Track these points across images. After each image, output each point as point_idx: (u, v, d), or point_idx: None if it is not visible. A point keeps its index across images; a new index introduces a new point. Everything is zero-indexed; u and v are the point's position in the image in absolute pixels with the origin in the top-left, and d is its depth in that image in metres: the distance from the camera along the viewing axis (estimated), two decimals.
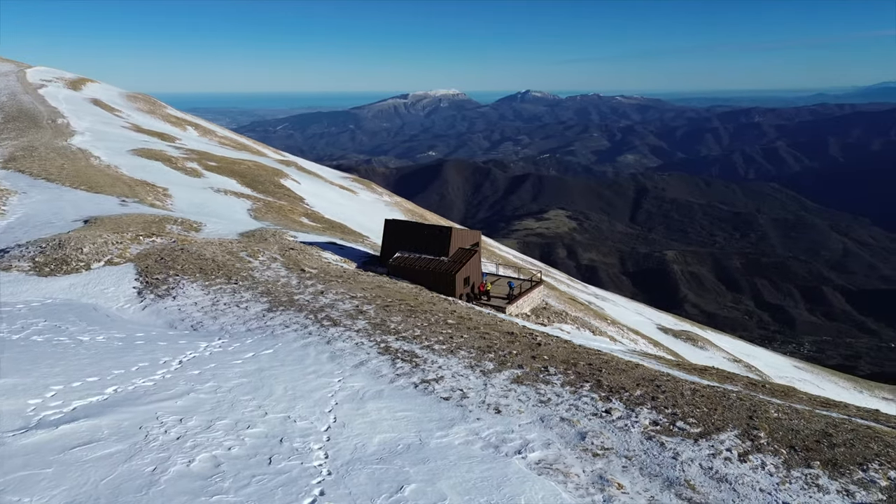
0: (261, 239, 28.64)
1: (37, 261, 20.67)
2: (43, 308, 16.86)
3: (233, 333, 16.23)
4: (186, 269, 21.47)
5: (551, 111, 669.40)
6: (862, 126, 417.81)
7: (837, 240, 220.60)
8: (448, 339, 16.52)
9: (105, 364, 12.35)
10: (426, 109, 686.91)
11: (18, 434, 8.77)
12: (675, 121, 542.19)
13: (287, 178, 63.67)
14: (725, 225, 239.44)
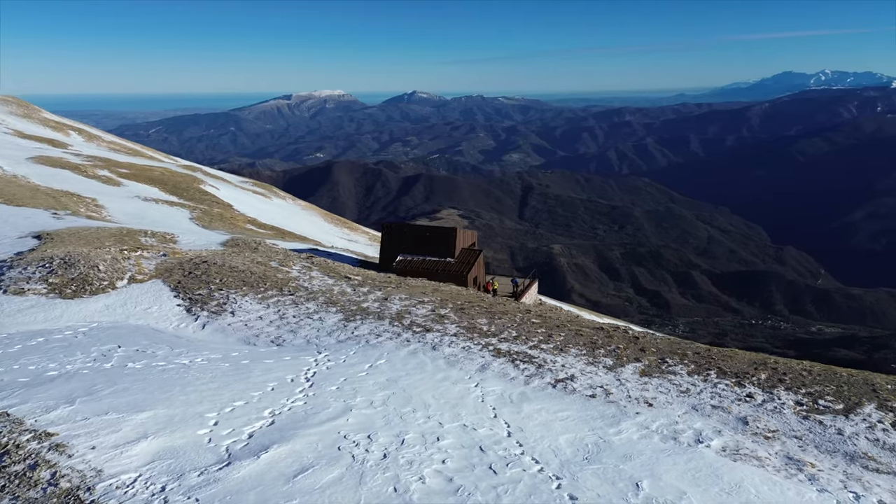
0: (251, 248, 26.96)
1: (51, 282, 17.97)
2: (100, 333, 14.75)
3: (325, 346, 15.22)
4: (228, 283, 19.77)
5: (438, 112, 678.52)
6: (718, 123, 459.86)
7: (702, 228, 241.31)
8: (547, 337, 16.52)
9: (236, 387, 11.17)
10: (311, 111, 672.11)
11: (224, 468, 7.96)
12: (554, 121, 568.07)
13: (205, 185, 60.47)
14: (605, 218, 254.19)
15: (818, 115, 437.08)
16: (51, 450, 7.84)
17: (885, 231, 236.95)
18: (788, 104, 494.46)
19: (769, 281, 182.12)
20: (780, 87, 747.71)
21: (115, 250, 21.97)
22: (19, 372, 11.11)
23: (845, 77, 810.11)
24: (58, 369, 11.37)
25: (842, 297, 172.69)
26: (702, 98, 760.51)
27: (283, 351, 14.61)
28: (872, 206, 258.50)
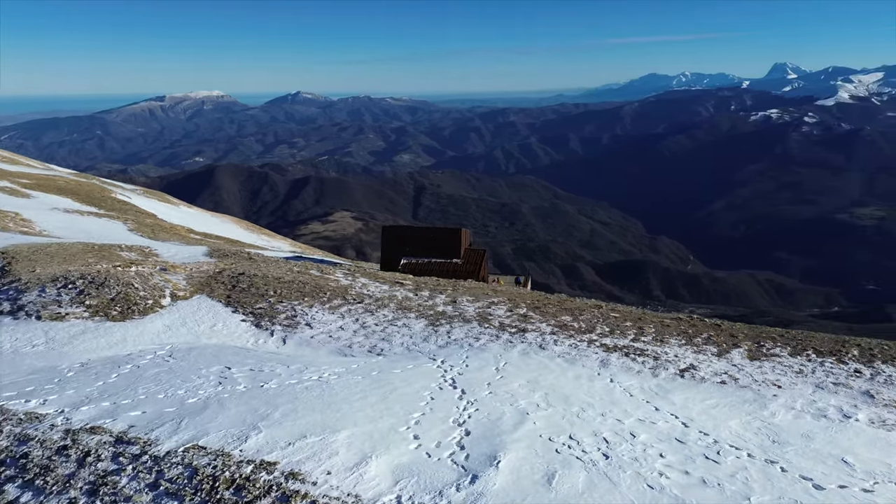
0: (246, 259, 25.13)
1: (89, 304, 15.85)
2: (187, 355, 13.09)
3: (431, 352, 14.56)
4: (286, 295, 18.61)
5: (324, 113, 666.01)
6: (594, 123, 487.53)
7: (585, 222, 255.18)
8: (639, 330, 16.66)
9: (392, 399, 10.51)
10: (188, 112, 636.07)
11: (475, 480, 7.64)
12: (442, 121, 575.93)
13: (114, 193, 55.60)
14: (495, 216, 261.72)
15: (680, 114, 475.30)
16: (288, 479, 7.29)
17: (742, 219, 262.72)
18: (655, 104, 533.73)
19: (646, 269, 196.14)
20: (647, 88, 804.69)
21: (110, 266, 19.90)
22: (154, 402, 9.85)
23: (702, 78, 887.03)
24: (193, 396, 10.18)
25: (709, 280, 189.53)
26: (578, 99, 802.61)
27: (390, 360, 13.94)
28: (731, 197, 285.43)
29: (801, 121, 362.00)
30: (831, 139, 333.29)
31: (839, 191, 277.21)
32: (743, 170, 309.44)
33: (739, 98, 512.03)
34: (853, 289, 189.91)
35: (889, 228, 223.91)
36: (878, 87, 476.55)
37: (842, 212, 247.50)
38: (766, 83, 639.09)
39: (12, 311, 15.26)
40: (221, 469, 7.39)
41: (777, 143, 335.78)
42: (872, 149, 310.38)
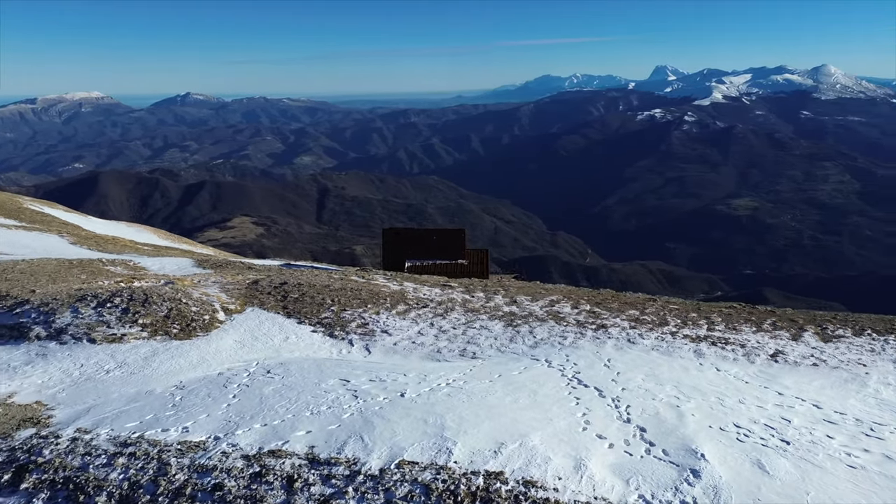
0: (245, 268, 23.53)
1: (143, 323, 14.53)
2: (287, 369, 12.05)
3: (523, 353, 14.40)
4: (345, 303, 17.98)
5: (217, 114, 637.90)
6: (494, 123, 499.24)
7: (489, 220, 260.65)
8: (707, 320, 17.20)
9: (547, 404, 10.29)
10: (64, 115, 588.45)
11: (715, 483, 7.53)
12: (343, 122, 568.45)
13: (25, 204, 50.82)
14: (401, 216, 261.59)
15: (574, 114, 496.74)
16: (528, 487, 7.30)
17: (634, 213, 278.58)
18: (549, 105, 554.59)
19: (548, 263, 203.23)
20: (542, 89, 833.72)
21: (114, 282, 18.15)
22: (308, 420, 9.30)
23: (592, 80, 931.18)
24: (340, 411, 9.60)
25: (607, 271, 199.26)
26: (477, 99, 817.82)
27: (493, 362, 13.57)
28: (623, 192, 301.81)
29: (682, 120, 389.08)
30: (708, 136, 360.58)
31: (717, 184, 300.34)
32: (633, 166, 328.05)
33: (627, 99, 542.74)
34: (732, 274, 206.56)
35: (761, 218, 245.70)
36: (748, 87, 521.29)
37: (720, 203, 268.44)
38: (650, 84, 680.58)
39: (52, 335, 13.93)
40: (452, 483, 7.24)
41: (662, 140, 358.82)
42: (744, 145, 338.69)
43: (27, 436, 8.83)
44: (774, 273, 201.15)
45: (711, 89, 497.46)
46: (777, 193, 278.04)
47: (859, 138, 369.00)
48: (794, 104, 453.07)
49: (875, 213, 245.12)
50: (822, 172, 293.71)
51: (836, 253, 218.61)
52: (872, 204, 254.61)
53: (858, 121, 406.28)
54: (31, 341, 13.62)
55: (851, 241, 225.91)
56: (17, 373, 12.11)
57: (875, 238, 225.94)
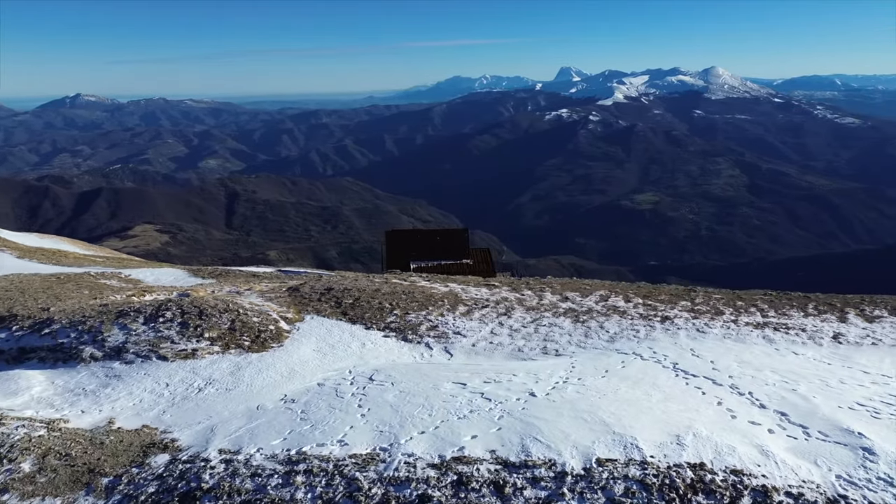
0: (250, 275, 22.65)
1: (210, 336, 14.21)
2: (389, 375, 12.19)
3: (604, 347, 14.77)
4: (405, 306, 17.63)
5: (112, 117, 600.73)
6: (407, 123, 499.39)
7: (407, 221, 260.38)
8: (757, 308, 17.97)
9: (680, 396, 10.66)
10: None
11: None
12: (250, 123, 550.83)
13: None
14: (317, 219, 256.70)
15: (485, 114, 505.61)
16: (743, 477, 7.57)
17: (546, 210, 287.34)
18: (461, 105, 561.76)
19: None
20: (453, 90, 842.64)
21: (125, 296, 17.12)
22: (464, 425, 9.26)
23: (501, 81, 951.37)
24: (486, 414, 9.73)
25: (522, 268, 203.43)
26: (390, 100, 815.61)
27: (582, 358, 13.69)
28: (534, 190, 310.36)
29: (587, 119, 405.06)
30: (612, 135, 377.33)
31: (622, 180, 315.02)
32: (543, 164, 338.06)
33: (535, 99, 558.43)
34: (639, 265, 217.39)
35: (662, 211, 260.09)
36: (646, 88, 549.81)
37: (625, 199, 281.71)
38: (556, 85, 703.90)
39: (110, 354, 13.21)
40: (665, 477, 7.36)
41: (569, 139, 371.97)
42: (645, 142, 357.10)
43: (165, 461, 8.52)
44: (676, 263, 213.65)
45: (613, 90, 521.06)
46: (676, 188, 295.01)
47: (746, 135, 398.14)
48: (687, 104, 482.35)
49: (762, 203, 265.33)
50: (714, 167, 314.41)
51: (729, 242, 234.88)
52: (759, 196, 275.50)
53: (745, 119, 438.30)
54: (86, 362, 12.80)
55: (742, 230, 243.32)
56: (100, 396, 11.44)
57: (762, 227, 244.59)
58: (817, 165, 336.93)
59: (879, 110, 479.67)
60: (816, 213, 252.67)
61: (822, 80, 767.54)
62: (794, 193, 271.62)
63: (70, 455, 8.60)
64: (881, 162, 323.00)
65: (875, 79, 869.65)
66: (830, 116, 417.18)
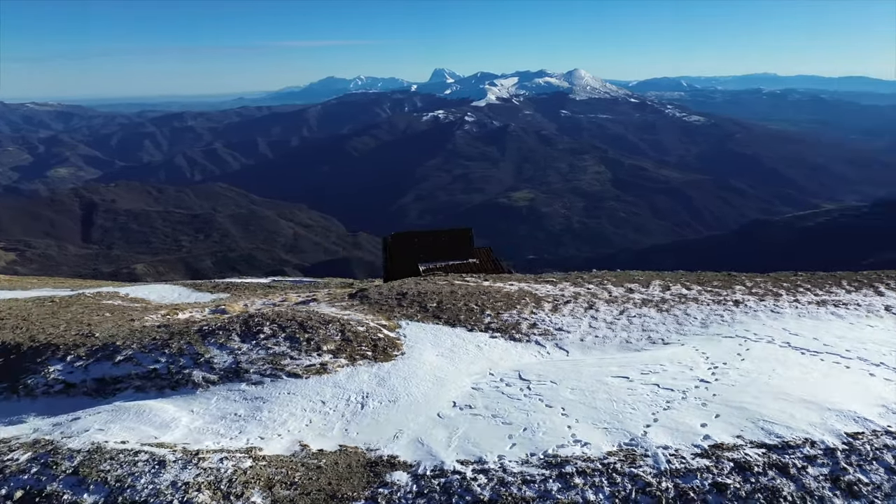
0: (265, 287, 22.81)
1: (329, 349, 13.36)
2: (547, 375, 12.10)
3: (701, 333, 15.19)
4: (493, 306, 17.65)
5: None
6: (281, 125, 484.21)
7: (287, 226, 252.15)
8: (803, 287, 19.10)
9: (838, 373, 11.42)
10: None
11: None
12: (106, 128, 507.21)
13: None
14: (187, 228, 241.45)
15: (362, 115, 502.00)
16: None
17: (428, 209, 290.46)
18: (337, 106, 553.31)
19: (352, 265, 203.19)
20: (327, 91, 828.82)
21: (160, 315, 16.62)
22: (742, 410, 9.63)
23: (376, 82, 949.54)
24: (728, 402, 10.21)
25: None
26: (261, 101, 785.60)
27: (693, 345, 13.99)
28: (416, 190, 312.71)
29: (463, 120, 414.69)
30: (487, 135, 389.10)
31: (498, 179, 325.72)
32: (423, 165, 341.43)
33: (411, 100, 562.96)
34: (519, 260, 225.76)
35: (537, 207, 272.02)
36: (516, 89, 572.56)
37: (502, 196, 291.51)
38: (431, 87, 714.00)
39: (229, 376, 12.35)
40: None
41: (447, 140, 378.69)
42: (518, 142, 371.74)
43: (408, 479, 8.33)
44: (553, 256, 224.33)
45: (486, 91, 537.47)
46: (548, 185, 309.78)
47: (608, 133, 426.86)
48: (554, 104, 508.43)
49: (626, 197, 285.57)
50: (582, 164, 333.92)
51: (599, 234, 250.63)
52: (623, 189, 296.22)
53: (606, 118, 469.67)
54: (203, 387, 12.00)
55: (609, 222, 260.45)
56: (261, 420, 10.64)
57: (627, 219, 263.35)
58: (671, 160, 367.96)
59: (720, 109, 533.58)
60: (672, 204, 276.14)
61: (671, 82, 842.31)
62: (652, 186, 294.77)
63: (297, 483, 8.21)
64: (724, 156, 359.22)
65: (715, 80, 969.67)
66: (679, 115, 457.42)
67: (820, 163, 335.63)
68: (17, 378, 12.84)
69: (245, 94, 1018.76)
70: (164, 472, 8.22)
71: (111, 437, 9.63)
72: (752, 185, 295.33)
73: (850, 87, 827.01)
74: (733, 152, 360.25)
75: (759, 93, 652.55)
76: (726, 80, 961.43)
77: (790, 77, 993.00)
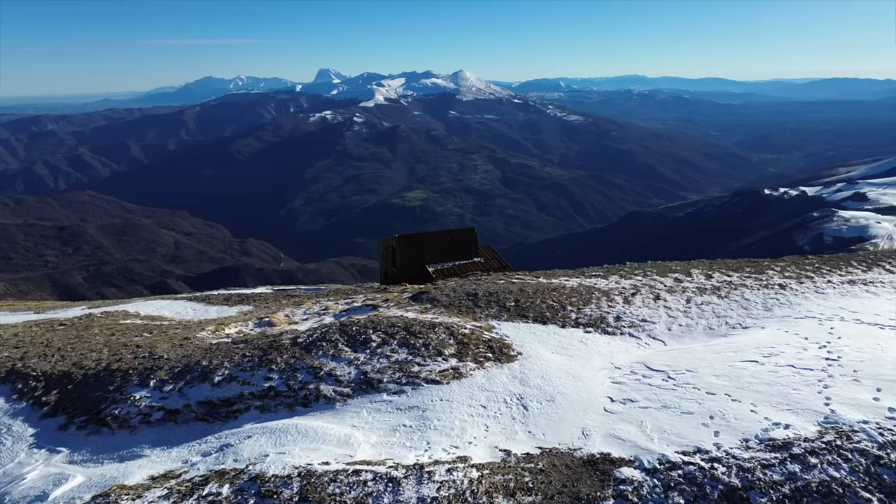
0: (285, 297, 22.52)
1: (451, 353, 13.32)
2: (675, 364, 12.66)
3: (772, 315, 16.07)
4: (571, 303, 17.45)
5: None
6: (155, 128, 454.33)
7: (167, 235, 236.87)
8: (826, 271, 20.17)
9: None
10: None
11: None
12: None
13: None
14: (53, 242, 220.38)
15: (245, 116, 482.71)
16: None
17: (320, 212, 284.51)
18: (217, 107, 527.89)
19: (242, 273, 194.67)
20: (205, 92, 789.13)
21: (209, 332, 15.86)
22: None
23: (258, 82, 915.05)
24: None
25: (303, 273, 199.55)
26: (131, 103, 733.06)
27: (777, 326, 14.95)
28: (307, 192, 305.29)
29: (352, 121, 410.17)
30: (377, 136, 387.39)
31: (391, 179, 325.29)
32: (313, 167, 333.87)
33: (296, 101, 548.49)
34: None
35: (431, 206, 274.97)
36: (403, 90, 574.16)
37: (396, 197, 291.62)
38: (317, 87, 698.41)
39: (362, 388, 12.04)
40: None
41: (336, 141, 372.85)
42: (409, 142, 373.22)
43: (694, 471, 8.42)
44: None
45: (373, 92, 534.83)
46: (441, 184, 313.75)
47: (495, 133, 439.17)
48: (442, 105, 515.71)
49: (514, 195, 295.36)
50: (472, 164, 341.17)
51: (491, 230, 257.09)
52: (511, 187, 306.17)
53: (492, 118, 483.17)
54: (337, 401, 11.53)
55: (500, 219, 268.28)
56: (441, 431, 10.27)
57: (516, 215, 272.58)
58: (553, 158, 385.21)
59: (596, 108, 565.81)
60: (557, 199, 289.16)
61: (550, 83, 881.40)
62: (538, 184, 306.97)
63: (534, 488, 8.24)
64: (601, 152, 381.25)
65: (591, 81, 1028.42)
66: (559, 115, 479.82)
67: (685, 157, 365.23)
68: (92, 410, 11.56)
69: (111, 96, 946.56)
70: (403, 489, 8.08)
71: (297, 459, 9.12)
72: (627, 179, 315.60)
73: (708, 87, 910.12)
74: (610, 149, 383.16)
75: (630, 93, 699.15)
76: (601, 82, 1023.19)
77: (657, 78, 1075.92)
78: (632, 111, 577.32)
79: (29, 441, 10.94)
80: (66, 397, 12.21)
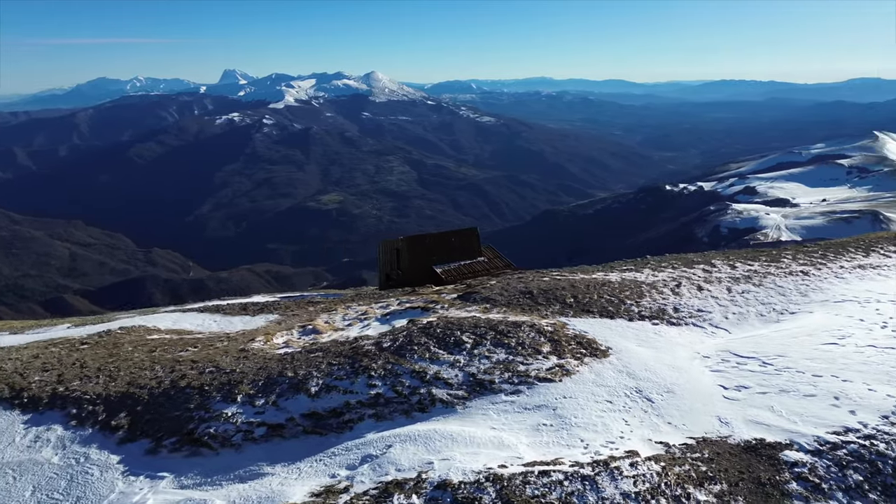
0: (308, 304, 22.00)
1: (548, 351, 13.29)
2: (767, 352, 13.15)
3: (812, 300, 16.75)
4: (626, 297, 17.76)
5: None
6: (44, 132, 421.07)
7: (61, 247, 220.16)
8: (832, 256, 21.06)
9: None
10: None
11: None
12: None
13: None
14: None
15: (145, 119, 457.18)
16: None
17: (230, 218, 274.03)
18: (113, 110, 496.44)
19: (147, 284, 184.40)
20: (99, 94, 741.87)
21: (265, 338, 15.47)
22: None
23: (158, 83, 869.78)
24: None
25: (214, 282, 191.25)
26: (15, 106, 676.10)
27: (825, 311, 15.55)
28: (215, 198, 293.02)
29: (261, 122, 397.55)
30: (289, 138, 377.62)
31: (305, 182, 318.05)
32: (221, 171, 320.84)
33: (201, 103, 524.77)
34: (333, 264, 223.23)
35: (348, 209, 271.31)
36: (315, 91, 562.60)
37: (311, 200, 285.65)
38: (222, 88, 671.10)
39: (475, 390, 11.68)
40: None
41: (245, 143, 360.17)
42: (322, 144, 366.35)
43: (858, 448, 8.80)
44: (367, 257, 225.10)
45: (283, 93, 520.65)
46: (357, 186, 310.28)
47: (409, 134, 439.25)
48: (355, 106, 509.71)
49: (430, 195, 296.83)
50: (388, 165, 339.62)
51: (409, 232, 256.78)
52: (427, 188, 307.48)
53: (406, 119, 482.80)
54: (457, 404, 11.31)
55: (417, 220, 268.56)
56: (586, 428, 10.11)
57: (433, 215, 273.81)
58: (468, 158, 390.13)
59: (507, 110, 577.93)
60: (472, 199, 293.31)
61: (462, 85, 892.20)
62: (454, 184, 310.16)
63: (715, 477, 8.39)
64: (514, 153, 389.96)
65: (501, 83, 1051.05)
66: (472, 116, 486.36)
67: (593, 156, 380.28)
68: (181, 431, 10.76)
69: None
70: (601, 486, 8.03)
71: (467, 463, 8.83)
72: (539, 178, 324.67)
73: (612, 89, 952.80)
74: (522, 149, 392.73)
75: (538, 95, 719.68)
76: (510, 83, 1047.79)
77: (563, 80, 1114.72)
78: (541, 112, 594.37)
79: (119, 469, 9.94)
80: (139, 419, 11.29)
